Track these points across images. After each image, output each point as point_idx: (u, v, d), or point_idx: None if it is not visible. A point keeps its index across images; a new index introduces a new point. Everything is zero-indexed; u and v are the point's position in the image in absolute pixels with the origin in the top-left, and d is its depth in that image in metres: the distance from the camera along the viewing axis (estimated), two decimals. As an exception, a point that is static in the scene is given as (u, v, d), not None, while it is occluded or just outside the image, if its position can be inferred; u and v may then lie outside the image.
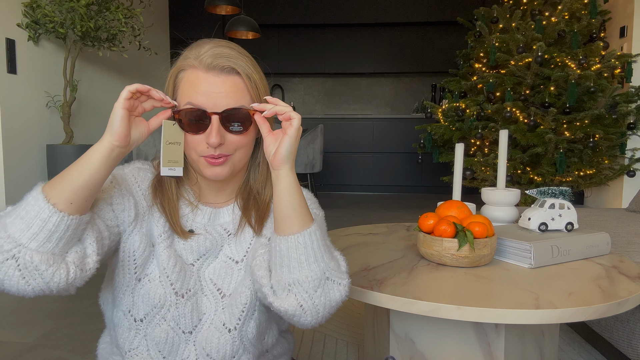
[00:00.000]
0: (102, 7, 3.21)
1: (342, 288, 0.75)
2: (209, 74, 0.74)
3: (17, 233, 0.61)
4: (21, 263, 0.61)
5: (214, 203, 0.85)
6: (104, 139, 0.67)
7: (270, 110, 0.74)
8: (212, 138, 0.73)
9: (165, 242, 0.79)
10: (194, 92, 0.74)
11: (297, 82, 6.57)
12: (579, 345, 1.57)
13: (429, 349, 0.97)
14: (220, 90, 0.73)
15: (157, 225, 0.79)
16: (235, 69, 0.75)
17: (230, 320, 0.79)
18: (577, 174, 3.26)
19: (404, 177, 5.72)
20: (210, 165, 0.76)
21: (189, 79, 0.75)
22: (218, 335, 0.79)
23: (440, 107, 3.73)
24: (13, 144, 3.12)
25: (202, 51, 0.75)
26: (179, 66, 0.77)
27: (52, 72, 3.48)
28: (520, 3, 3.60)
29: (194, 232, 0.81)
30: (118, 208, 0.75)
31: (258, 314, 0.81)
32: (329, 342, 1.64)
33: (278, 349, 0.93)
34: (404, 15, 5.89)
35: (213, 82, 0.73)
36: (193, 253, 0.80)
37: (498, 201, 1.29)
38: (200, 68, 0.74)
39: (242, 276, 0.81)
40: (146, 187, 0.81)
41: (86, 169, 0.65)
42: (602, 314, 0.79)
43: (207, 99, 0.73)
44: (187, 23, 6.03)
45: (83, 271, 0.66)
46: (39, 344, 1.63)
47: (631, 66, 3.24)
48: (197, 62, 0.74)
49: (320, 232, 0.75)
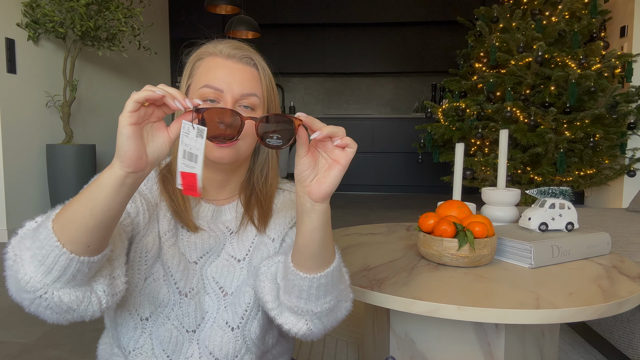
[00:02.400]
0: (102, 6, 3.21)
1: (348, 305, 0.76)
2: (228, 60, 0.78)
3: (39, 276, 0.56)
4: (51, 303, 0.58)
5: (216, 200, 0.85)
6: (114, 165, 0.55)
7: (324, 133, 0.59)
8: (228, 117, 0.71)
9: (170, 240, 0.78)
10: (212, 75, 0.76)
11: (297, 82, 6.57)
12: (579, 345, 1.57)
13: (429, 349, 0.97)
14: (237, 75, 0.77)
15: (163, 223, 0.79)
16: (252, 60, 0.79)
17: (233, 319, 0.79)
18: (578, 174, 3.25)
19: (404, 177, 5.72)
20: (216, 146, 0.76)
21: (208, 65, 0.78)
22: (221, 334, 0.79)
23: (441, 107, 3.72)
24: (13, 143, 3.12)
25: (220, 44, 0.79)
26: (197, 54, 0.80)
27: (52, 72, 3.48)
28: (520, 3, 3.60)
29: (199, 227, 0.81)
30: (133, 212, 0.74)
31: (261, 314, 0.81)
32: (329, 342, 1.64)
33: (278, 348, 0.93)
34: (404, 15, 5.89)
35: (232, 68, 0.77)
36: (197, 250, 0.80)
37: (498, 201, 1.28)
38: (220, 56, 0.78)
39: (245, 275, 0.81)
40: (151, 183, 0.80)
41: (98, 206, 0.55)
42: (602, 314, 0.79)
43: (224, 82, 0.76)
44: (187, 23, 6.02)
45: (114, 295, 0.64)
46: (39, 344, 1.63)
47: (631, 66, 3.24)
48: (217, 50, 0.78)
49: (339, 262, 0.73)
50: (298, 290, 0.69)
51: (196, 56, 0.81)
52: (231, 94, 0.76)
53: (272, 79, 0.82)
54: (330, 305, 0.72)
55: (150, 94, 0.54)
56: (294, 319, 0.72)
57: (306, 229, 0.65)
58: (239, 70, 0.77)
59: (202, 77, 0.77)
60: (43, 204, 3.42)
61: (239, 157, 0.79)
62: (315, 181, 0.62)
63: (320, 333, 0.74)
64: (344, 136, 0.60)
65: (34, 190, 3.34)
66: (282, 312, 0.74)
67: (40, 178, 3.38)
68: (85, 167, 3.33)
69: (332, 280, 0.70)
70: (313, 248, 0.66)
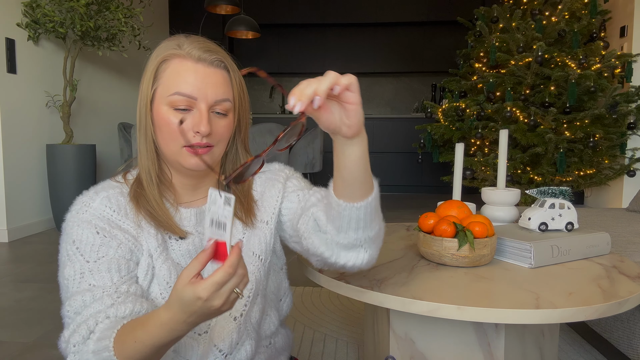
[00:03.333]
0: (102, 6, 3.21)
1: (384, 224, 0.78)
2: (198, 64, 0.73)
3: None
4: None
5: (194, 201, 0.84)
6: (182, 330, 0.61)
7: (320, 98, 0.55)
8: (202, 127, 0.72)
9: (162, 255, 0.77)
10: (181, 81, 0.72)
11: (297, 82, 6.55)
12: (579, 345, 1.57)
13: (429, 349, 0.97)
14: (209, 81, 0.74)
15: (149, 241, 0.77)
16: (224, 63, 0.76)
17: (235, 309, 0.80)
18: (577, 174, 3.25)
19: (404, 177, 5.72)
20: (192, 155, 0.75)
21: (176, 69, 0.73)
22: (223, 324, 0.79)
23: (440, 107, 3.73)
24: (13, 143, 3.12)
25: (186, 44, 0.74)
26: (161, 55, 0.75)
27: (52, 72, 3.48)
28: (520, 3, 3.60)
29: (187, 233, 0.80)
30: (128, 255, 0.74)
31: (260, 298, 0.83)
32: (329, 342, 1.64)
33: (279, 341, 0.93)
34: (404, 15, 5.89)
35: (204, 72, 0.73)
36: (191, 256, 0.80)
37: (498, 201, 1.28)
38: (189, 58, 0.73)
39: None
40: (126, 209, 0.77)
41: (161, 353, 0.64)
42: (602, 313, 0.79)
43: (196, 88, 0.72)
44: (187, 23, 6.01)
45: None
46: (39, 344, 1.63)
47: (631, 66, 3.24)
48: (185, 52, 0.73)
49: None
50: (355, 221, 0.70)
51: (159, 57, 0.75)
52: (205, 101, 0.73)
53: (242, 81, 0.80)
54: (380, 225, 0.75)
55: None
56: (353, 254, 0.74)
57: (349, 160, 0.65)
58: (211, 74, 0.74)
59: (170, 83, 0.73)
60: (43, 204, 3.42)
61: (214, 161, 0.79)
62: (346, 127, 0.61)
63: (376, 257, 0.77)
64: (337, 79, 0.56)
65: (34, 190, 3.34)
66: (339, 254, 0.75)
67: (40, 178, 3.38)
68: (85, 167, 3.33)
69: (377, 204, 0.72)
70: (360, 175, 0.67)
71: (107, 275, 0.71)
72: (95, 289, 0.70)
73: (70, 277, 0.71)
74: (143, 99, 0.76)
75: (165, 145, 0.76)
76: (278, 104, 6.59)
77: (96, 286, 0.70)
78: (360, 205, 0.69)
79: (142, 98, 0.76)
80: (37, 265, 2.54)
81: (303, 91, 0.55)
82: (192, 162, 0.75)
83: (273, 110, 6.56)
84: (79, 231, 0.74)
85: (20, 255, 2.77)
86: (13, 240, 3.12)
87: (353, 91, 0.58)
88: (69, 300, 0.70)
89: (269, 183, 0.88)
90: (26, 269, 2.49)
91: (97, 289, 0.70)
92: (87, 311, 0.68)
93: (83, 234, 0.73)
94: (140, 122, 0.77)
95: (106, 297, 0.69)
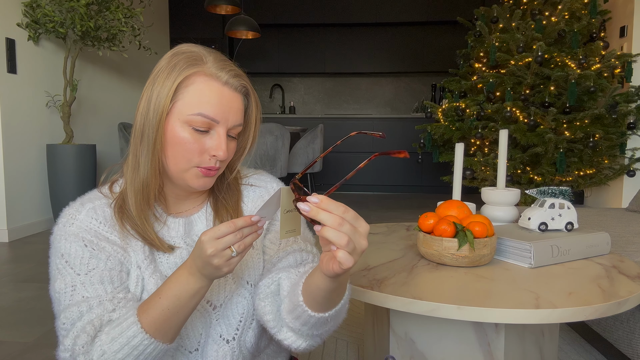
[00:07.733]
0: (102, 6, 3.21)
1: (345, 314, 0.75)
2: (224, 87, 0.72)
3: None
4: None
5: (183, 211, 0.82)
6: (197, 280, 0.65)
7: (323, 236, 0.53)
8: (222, 152, 0.72)
9: (149, 268, 0.75)
10: (205, 102, 0.70)
11: (297, 82, 6.57)
12: (579, 345, 1.57)
13: (429, 349, 0.97)
14: (232, 106, 0.73)
15: (137, 253, 0.75)
16: (246, 88, 0.76)
17: (227, 331, 0.77)
18: (577, 174, 3.26)
19: (404, 177, 5.72)
20: (202, 176, 0.74)
21: (201, 88, 0.71)
22: (216, 348, 0.77)
23: (440, 107, 3.73)
24: (13, 143, 3.12)
25: (216, 65, 0.73)
26: (186, 69, 0.71)
27: (52, 72, 3.48)
28: (520, 3, 3.60)
29: (175, 246, 0.78)
30: (118, 267, 0.73)
31: (256, 324, 0.80)
32: (329, 342, 1.64)
33: (272, 347, 0.92)
34: (404, 15, 5.89)
35: (229, 97, 0.73)
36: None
37: (498, 201, 1.29)
38: (216, 80, 0.72)
39: (233, 286, 0.79)
40: (112, 220, 0.75)
41: (184, 312, 0.67)
42: (602, 313, 0.79)
43: (220, 112, 0.71)
44: (187, 23, 6.02)
45: None
46: (39, 344, 1.63)
47: (631, 66, 3.24)
48: (213, 73, 0.72)
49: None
50: (304, 320, 0.68)
51: (184, 70, 0.71)
52: (225, 125, 0.73)
53: (260, 107, 0.80)
54: (333, 326, 0.71)
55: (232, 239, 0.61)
56: (294, 337, 0.71)
57: (328, 288, 0.62)
58: (235, 99, 0.74)
59: (194, 102, 0.70)
60: (43, 204, 3.42)
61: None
62: (326, 261, 0.58)
63: (314, 347, 0.74)
64: (344, 245, 0.53)
65: (34, 190, 3.34)
66: (282, 329, 0.72)
67: (40, 178, 3.38)
68: (85, 167, 3.33)
69: (341, 312, 0.69)
70: (326, 297, 0.64)
71: (101, 287, 0.70)
72: (90, 300, 0.69)
73: (62, 290, 0.70)
74: (156, 110, 0.70)
75: (173, 163, 0.73)
76: (278, 104, 6.59)
77: (90, 297, 0.69)
78: (314, 315, 0.66)
79: (155, 109, 0.70)
80: (37, 265, 2.54)
81: (318, 211, 0.54)
82: (200, 182, 0.75)
83: (273, 110, 6.56)
84: (66, 245, 0.73)
85: (20, 255, 2.77)
86: (13, 240, 3.12)
87: (345, 264, 0.54)
88: (64, 313, 0.69)
89: (259, 203, 0.85)
90: (26, 268, 2.49)
91: (93, 299, 0.69)
92: (88, 316, 0.67)
93: (71, 248, 0.72)
94: (144, 133, 0.72)
95: (107, 303, 0.69)
